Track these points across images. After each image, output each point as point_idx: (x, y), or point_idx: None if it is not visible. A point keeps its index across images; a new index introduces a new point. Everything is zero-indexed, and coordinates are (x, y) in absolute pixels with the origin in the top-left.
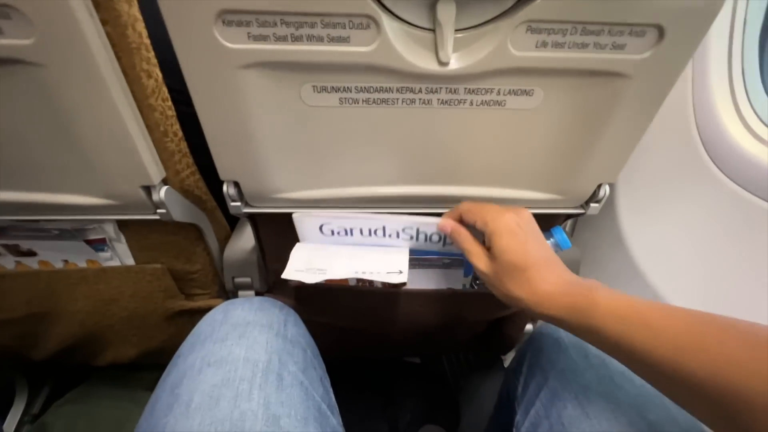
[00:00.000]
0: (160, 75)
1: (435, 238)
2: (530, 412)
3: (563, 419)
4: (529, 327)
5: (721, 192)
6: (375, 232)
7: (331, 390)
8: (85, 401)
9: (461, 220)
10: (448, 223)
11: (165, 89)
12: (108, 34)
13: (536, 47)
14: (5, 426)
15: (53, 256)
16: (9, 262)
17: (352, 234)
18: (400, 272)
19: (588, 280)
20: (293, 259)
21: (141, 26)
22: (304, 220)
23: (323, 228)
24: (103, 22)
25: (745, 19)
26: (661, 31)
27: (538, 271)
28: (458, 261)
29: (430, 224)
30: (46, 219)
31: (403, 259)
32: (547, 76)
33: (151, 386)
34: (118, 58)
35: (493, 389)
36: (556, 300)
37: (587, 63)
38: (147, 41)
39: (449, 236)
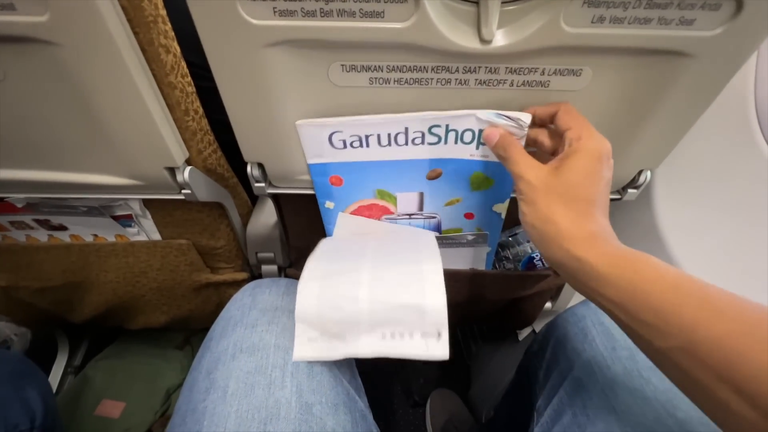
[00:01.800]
0: (178, 49)
1: (467, 137)
2: (553, 399)
3: (588, 410)
4: (548, 306)
5: None
6: (396, 138)
7: (356, 371)
8: (121, 357)
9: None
10: (496, 132)
11: (184, 64)
12: (124, 8)
13: (592, 23)
14: (50, 378)
15: (83, 230)
16: (42, 236)
17: (368, 144)
18: (439, 335)
19: None
20: (301, 328)
21: None
22: (310, 129)
23: (333, 138)
24: None
25: None
26: (739, 5)
27: (593, 209)
28: (483, 237)
29: (461, 117)
30: (73, 197)
31: (440, 310)
32: (599, 54)
33: (180, 345)
34: (135, 33)
35: (505, 360)
36: (596, 243)
37: (648, 41)
38: (163, 12)
39: (497, 144)
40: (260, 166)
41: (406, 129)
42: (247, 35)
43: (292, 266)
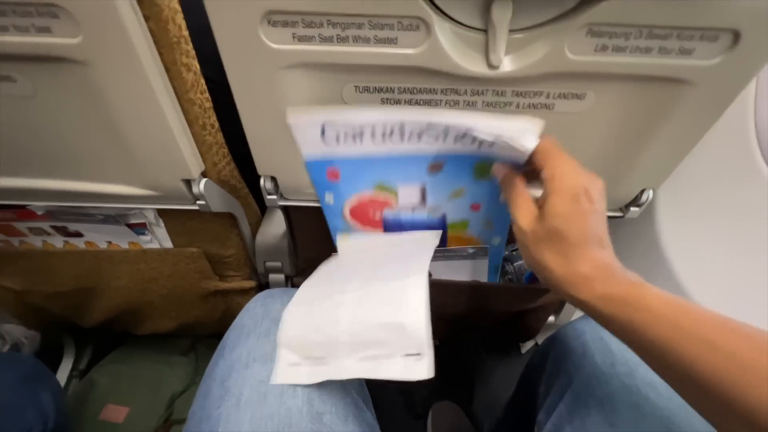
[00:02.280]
0: (198, 67)
1: (468, 139)
2: (553, 414)
3: (587, 426)
4: (551, 319)
5: None
6: (391, 134)
7: (364, 382)
8: (127, 362)
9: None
10: (502, 169)
11: (203, 81)
12: (151, 31)
13: (595, 51)
14: None
15: (98, 237)
16: (58, 242)
17: (362, 140)
18: (419, 355)
19: (632, 273)
20: (283, 353)
21: (180, 18)
22: (302, 121)
23: (326, 131)
24: (146, 18)
25: None
26: (736, 36)
27: (583, 249)
28: (483, 251)
29: (460, 125)
30: (92, 206)
31: (421, 328)
32: (601, 80)
33: (184, 351)
34: (160, 54)
35: (508, 373)
36: (592, 285)
37: (649, 69)
38: (186, 33)
39: (500, 182)
40: (273, 179)
41: (402, 125)
42: (267, 58)
43: (298, 275)
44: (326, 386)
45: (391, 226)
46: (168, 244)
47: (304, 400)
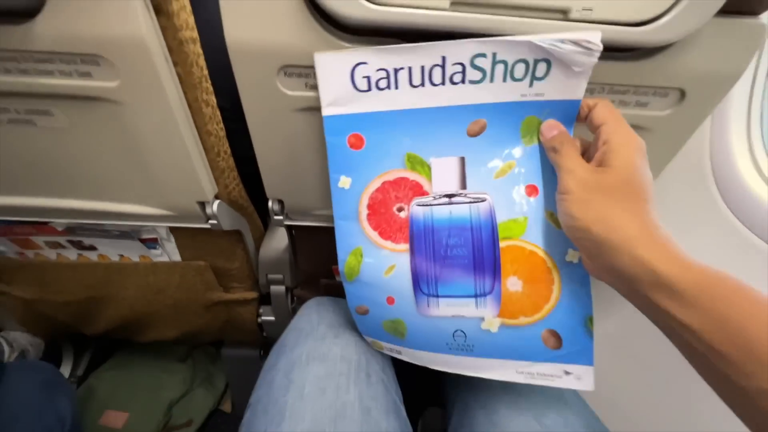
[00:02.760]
0: (215, 101)
1: (519, 71)
2: (452, 419)
3: (474, 428)
4: None
5: (736, 238)
6: (431, 74)
7: (398, 386)
8: (125, 369)
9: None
10: (556, 127)
11: (218, 113)
12: (179, 75)
13: None
14: None
15: (111, 251)
16: (72, 254)
17: (397, 84)
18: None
19: None
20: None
21: (202, 60)
22: (329, 63)
23: (356, 75)
24: (175, 64)
25: None
26: (682, 94)
27: (650, 208)
28: None
29: (512, 44)
30: (111, 223)
31: None
32: None
33: (182, 358)
34: (185, 92)
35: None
36: (670, 252)
37: None
38: (206, 73)
39: (554, 138)
40: (280, 201)
41: (444, 60)
42: (282, 102)
43: (298, 287)
44: (372, 386)
45: (420, 232)
46: (177, 257)
47: (356, 396)
